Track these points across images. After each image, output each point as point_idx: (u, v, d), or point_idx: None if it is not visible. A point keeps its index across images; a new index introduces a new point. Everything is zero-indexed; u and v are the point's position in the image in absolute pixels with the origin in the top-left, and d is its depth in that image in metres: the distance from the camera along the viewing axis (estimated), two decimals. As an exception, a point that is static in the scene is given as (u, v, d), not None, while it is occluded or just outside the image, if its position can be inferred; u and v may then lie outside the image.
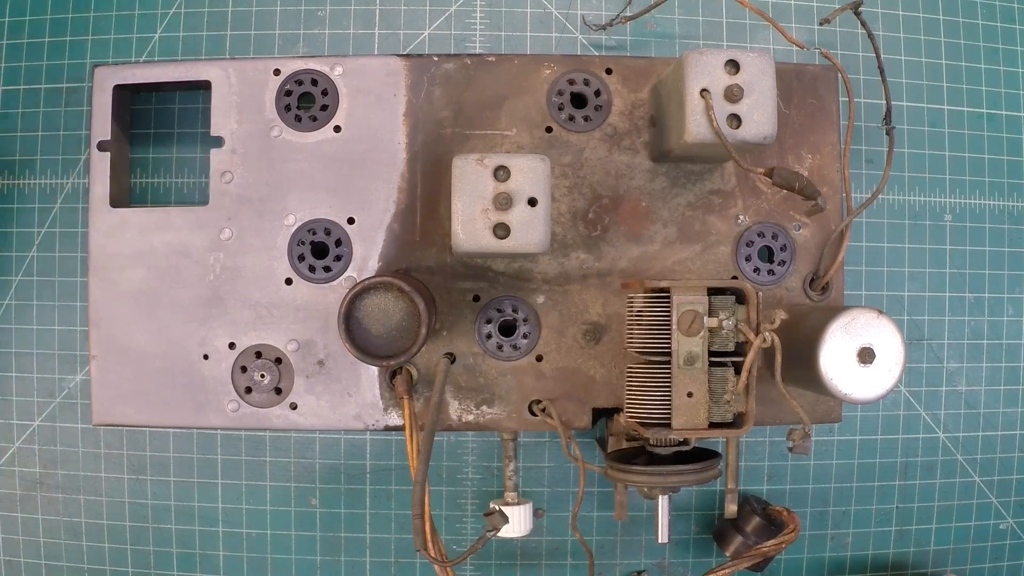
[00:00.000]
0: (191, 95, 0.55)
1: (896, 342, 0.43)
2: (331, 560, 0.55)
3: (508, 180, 0.43)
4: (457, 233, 0.43)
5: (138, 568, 0.55)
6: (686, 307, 0.42)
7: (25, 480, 0.55)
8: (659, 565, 0.56)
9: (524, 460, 0.55)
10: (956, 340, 0.57)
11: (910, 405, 0.57)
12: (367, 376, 0.50)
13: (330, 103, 0.50)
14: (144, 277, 0.50)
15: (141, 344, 0.50)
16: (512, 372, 0.50)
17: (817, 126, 0.51)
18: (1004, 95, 0.58)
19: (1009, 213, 0.57)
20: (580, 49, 0.56)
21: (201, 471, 0.55)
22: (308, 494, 0.55)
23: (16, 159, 0.55)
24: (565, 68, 0.50)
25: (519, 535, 0.52)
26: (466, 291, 0.50)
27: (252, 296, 0.50)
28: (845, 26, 0.56)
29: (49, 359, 0.55)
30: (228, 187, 0.50)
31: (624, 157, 0.50)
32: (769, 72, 0.43)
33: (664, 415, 0.43)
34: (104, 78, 0.50)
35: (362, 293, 0.44)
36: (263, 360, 0.50)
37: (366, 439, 0.55)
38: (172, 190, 0.55)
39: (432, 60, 0.51)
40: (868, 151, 0.56)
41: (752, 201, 0.51)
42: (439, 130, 0.50)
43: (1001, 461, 0.57)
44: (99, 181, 0.50)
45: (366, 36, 0.55)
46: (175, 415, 0.50)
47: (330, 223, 0.50)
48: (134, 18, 0.55)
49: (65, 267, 0.55)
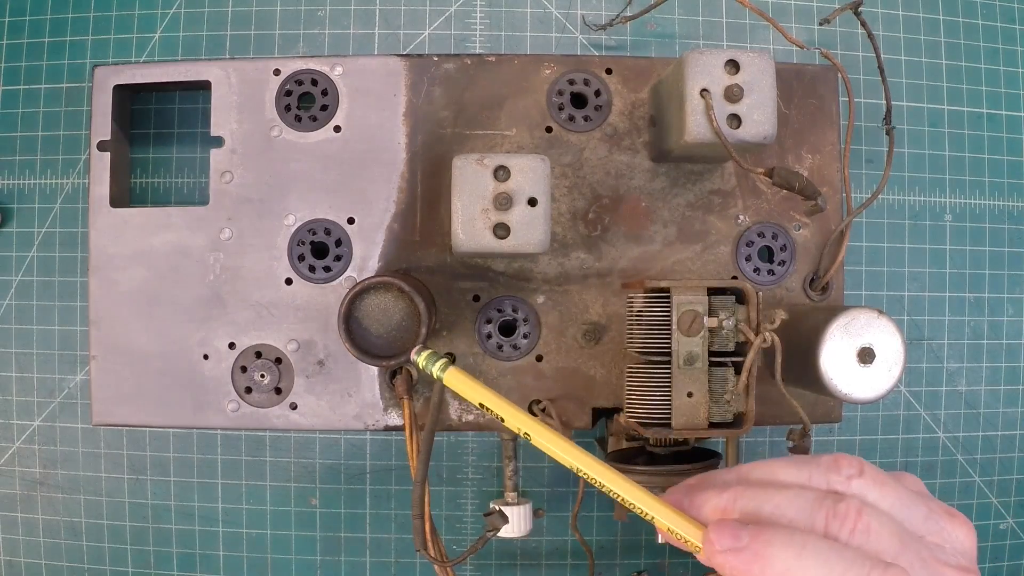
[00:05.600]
0: (191, 95, 0.55)
1: (896, 342, 0.43)
2: (331, 560, 0.55)
3: (508, 180, 0.43)
4: (457, 233, 0.43)
5: (138, 568, 0.55)
6: (686, 307, 0.42)
7: (25, 480, 0.55)
8: (659, 565, 0.56)
9: (524, 460, 0.55)
10: (956, 340, 0.57)
11: (910, 405, 0.57)
12: (367, 376, 0.50)
13: (330, 103, 0.50)
14: (144, 277, 0.50)
15: (141, 344, 0.50)
16: (512, 372, 0.50)
17: (817, 126, 0.51)
18: (1004, 95, 0.58)
19: (1009, 213, 0.57)
20: (580, 49, 0.56)
21: (201, 471, 0.55)
22: (308, 494, 0.55)
23: (16, 159, 0.55)
24: (565, 68, 0.50)
25: (519, 535, 0.52)
26: (466, 291, 0.50)
27: (252, 296, 0.50)
28: (845, 26, 0.56)
29: (49, 359, 0.55)
30: (228, 187, 0.50)
31: (624, 157, 0.50)
32: (769, 72, 0.43)
33: (664, 415, 0.43)
34: (104, 78, 0.50)
35: (362, 293, 0.44)
36: (263, 360, 0.50)
37: (366, 439, 0.55)
38: (172, 190, 0.55)
39: (432, 60, 0.51)
40: (868, 151, 0.56)
41: (752, 201, 0.51)
42: (439, 130, 0.50)
43: (1001, 461, 0.57)
44: (99, 181, 0.50)
45: (366, 36, 0.55)
46: (175, 415, 0.50)
47: (330, 223, 0.50)
48: (134, 18, 0.55)
49: (65, 267, 0.55)
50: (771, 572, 0.32)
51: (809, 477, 0.36)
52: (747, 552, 0.33)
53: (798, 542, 0.32)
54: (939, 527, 0.35)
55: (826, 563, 0.31)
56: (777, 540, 0.32)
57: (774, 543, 0.32)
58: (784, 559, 0.32)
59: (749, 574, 0.32)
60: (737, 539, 0.33)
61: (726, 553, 0.33)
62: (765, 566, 0.32)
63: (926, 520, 0.35)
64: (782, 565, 0.32)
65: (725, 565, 0.33)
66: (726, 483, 0.37)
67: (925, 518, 0.35)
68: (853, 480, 0.35)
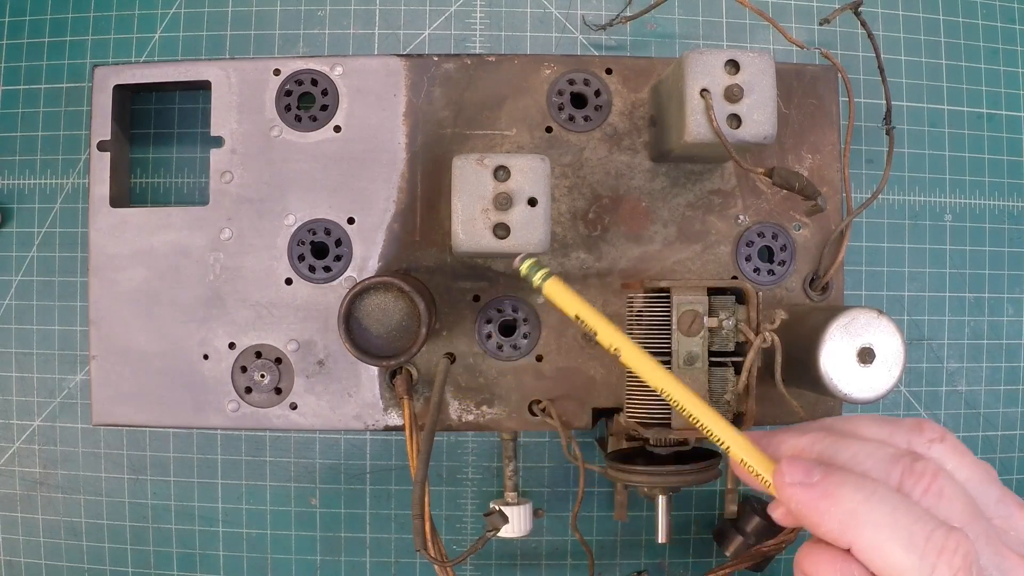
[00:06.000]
0: (191, 95, 0.55)
1: (896, 342, 0.43)
2: (331, 560, 0.55)
3: (508, 180, 0.43)
4: (457, 233, 0.43)
5: (138, 568, 0.55)
6: (686, 307, 0.42)
7: (25, 480, 0.55)
8: (659, 565, 0.56)
9: (524, 460, 0.55)
10: (956, 340, 0.57)
11: (910, 405, 0.57)
12: (367, 376, 0.50)
13: (330, 103, 0.50)
14: (144, 277, 0.50)
15: (141, 344, 0.50)
16: (512, 372, 0.50)
17: (817, 126, 0.51)
18: (1004, 95, 0.58)
19: (1009, 213, 0.57)
20: (580, 49, 0.56)
21: (201, 471, 0.55)
22: (308, 494, 0.55)
23: (16, 159, 0.55)
24: (565, 68, 0.50)
25: (519, 535, 0.52)
26: (466, 291, 0.50)
27: (252, 296, 0.50)
28: (845, 26, 0.56)
29: (49, 359, 0.55)
30: (228, 187, 0.50)
31: (624, 157, 0.50)
32: (769, 72, 0.43)
33: (664, 415, 0.43)
34: (104, 78, 0.50)
35: (362, 293, 0.44)
36: (263, 360, 0.50)
37: (366, 439, 0.55)
38: (172, 190, 0.55)
39: (432, 60, 0.51)
40: (868, 151, 0.56)
41: (752, 201, 0.51)
42: (439, 130, 0.50)
43: (1001, 461, 0.57)
44: (99, 181, 0.50)
45: (366, 36, 0.55)
46: (175, 415, 0.50)
47: (330, 223, 0.50)
48: (134, 18, 0.55)
49: (65, 267, 0.55)
50: (836, 511, 0.32)
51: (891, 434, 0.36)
52: (817, 488, 0.32)
53: (869, 488, 0.32)
54: (1009, 512, 0.35)
55: (893, 512, 0.31)
56: (848, 482, 0.32)
57: (845, 485, 0.32)
58: (853, 500, 0.32)
59: (816, 510, 0.32)
60: (809, 474, 0.33)
61: (795, 487, 0.33)
62: (832, 504, 0.32)
63: (997, 503, 0.35)
64: (849, 505, 0.32)
65: (793, 498, 0.33)
66: (807, 429, 0.37)
67: (997, 500, 0.35)
68: (935, 444, 0.35)
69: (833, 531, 0.32)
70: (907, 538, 0.31)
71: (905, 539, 0.31)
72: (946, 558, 0.30)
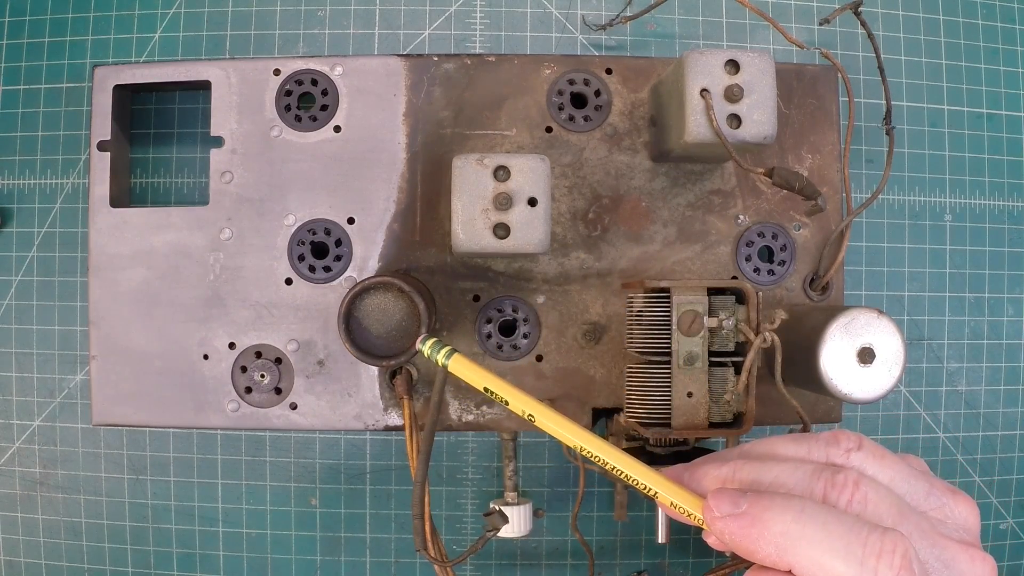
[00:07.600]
0: (191, 95, 0.55)
1: (896, 342, 0.43)
2: (331, 560, 0.55)
3: (508, 180, 0.43)
4: (457, 233, 0.43)
5: (138, 568, 0.55)
6: (686, 307, 0.42)
7: (25, 480, 0.55)
8: (659, 565, 0.56)
9: (524, 460, 0.55)
10: (956, 340, 0.57)
11: (910, 405, 0.57)
12: (367, 376, 0.50)
13: (330, 103, 0.50)
14: (144, 277, 0.50)
15: (141, 344, 0.50)
16: (512, 372, 0.50)
17: (817, 126, 0.51)
18: (1004, 95, 0.58)
19: (1009, 213, 0.57)
20: (580, 49, 0.56)
21: (201, 471, 0.55)
22: (308, 494, 0.55)
23: (16, 159, 0.55)
24: (565, 68, 0.50)
25: (519, 535, 0.52)
26: (466, 291, 0.50)
27: (252, 296, 0.50)
28: (845, 26, 0.56)
29: (49, 359, 0.55)
30: (228, 187, 0.50)
31: (624, 157, 0.50)
32: (769, 72, 0.43)
33: (664, 415, 0.43)
34: (104, 78, 0.50)
35: (362, 293, 0.44)
36: (263, 360, 0.50)
37: (366, 439, 0.55)
38: (172, 190, 0.55)
39: (432, 60, 0.51)
40: (868, 151, 0.56)
41: (752, 201, 0.51)
42: (439, 130, 0.50)
43: (1001, 461, 0.57)
44: (99, 181, 0.50)
45: (366, 36, 0.55)
46: (175, 415, 0.50)
47: (330, 223, 0.50)
48: (134, 18, 0.55)
49: (65, 267, 0.55)
50: (769, 535, 0.32)
51: (808, 451, 0.36)
52: (746, 516, 0.33)
53: (796, 506, 0.32)
54: (941, 503, 0.35)
55: (824, 526, 0.31)
56: (775, 505, 0.32)
57: (772, 508, 0.32)
58: (783, 522, 0.32)
59: (748, 538, 0.32)
60: (736, 504, 0.33)
61: (725, 519, 0.33)
62: (763, 530, 0.32)
63: (928, 496, 0.35)
64: (780, 528, 0.32)
65: (725, 531, 0.33)
66: (726, 457, 0.37)
67: (927, 494, 0.35)
68: (852, 453, 0.35)
69: (771, 556, 0.32)
70: (843, 548, 0.31)
71: (842, 550, 0.31)
72: (886, 560, 0.30)
